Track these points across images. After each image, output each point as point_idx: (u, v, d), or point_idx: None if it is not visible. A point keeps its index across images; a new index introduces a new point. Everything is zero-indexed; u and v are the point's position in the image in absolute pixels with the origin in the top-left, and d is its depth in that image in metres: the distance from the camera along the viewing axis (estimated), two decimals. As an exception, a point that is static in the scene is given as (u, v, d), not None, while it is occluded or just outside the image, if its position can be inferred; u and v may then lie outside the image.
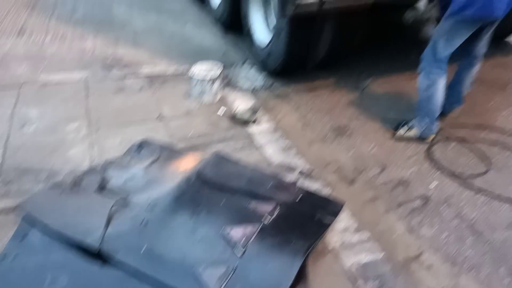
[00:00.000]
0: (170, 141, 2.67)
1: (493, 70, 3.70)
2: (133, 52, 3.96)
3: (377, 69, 3.78)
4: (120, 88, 3.29)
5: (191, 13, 5.16)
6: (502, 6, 2.41)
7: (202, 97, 3.16)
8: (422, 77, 2.73)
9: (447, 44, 2.59)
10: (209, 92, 3.16)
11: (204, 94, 3.16)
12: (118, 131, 2.75)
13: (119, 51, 3.97)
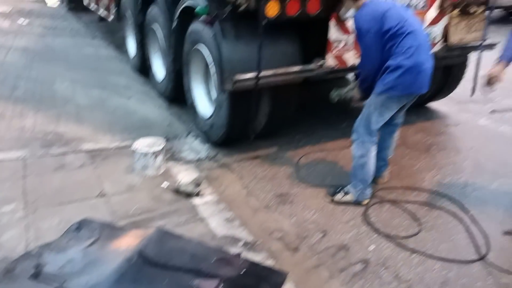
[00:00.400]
0: (111, 219, 2.64)
1: (416, 134, 4.05)
2: (75, 128, 3.96)
3: (313, 137, 4.01)
4: (60, 166, 3.25)
5: (136, 87, 5.28)
6: (426, 81, 2.72)
7: (145, 171, 3.18)
8: (356, 146, 2.92)
9: (379, 117, 2.83)
10: (152, 166, 3.19)
11: (147, 168, 3.19)
12: (57, 211, 2.68)
13: (60, 127, 3.95)
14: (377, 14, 2.64)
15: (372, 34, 2.65)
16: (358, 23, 2.72)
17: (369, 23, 2.65)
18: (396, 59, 2.63)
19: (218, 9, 3.26)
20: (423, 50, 2.67)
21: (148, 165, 3.18)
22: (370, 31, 2.65)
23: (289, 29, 3.33)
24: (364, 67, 2.85)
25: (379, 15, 2.63)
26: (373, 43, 2.68)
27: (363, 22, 2.69)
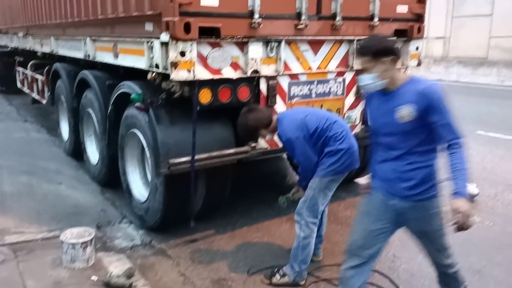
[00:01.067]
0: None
1: (346, 210, 4.26)
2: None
3: (250, 217, 4.07)
4: (-21, 262, 3.01)
5: (68, 172, 5.14)
6: (358, 158, 2.99)
7: (74, 264, 3.03)
8: (300, 228, 3.00)
9: (324, 199, 3.00)
10: (81, 258, 3.04)
11: (76, 260, 3.03)
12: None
13: (-19, 219, 3.71)
14: (298, 122, 2.91)
15: (301, 139, 2.89)
16: (286, 136, 2.94)
17: (295, 132, 2.89)
18: (334, 145, 2.90)
19: (152, 96, 3.40)
20: (349, 134, 2.99)
21: (77, 257, 3.03)
22: (299, 137, 2.89)
23: (222, 113, 3.52)
24: (305, 170, 3.02)
25: (301, 123, 2.90)
26: (306, 147, 2.91)
27: (289, 133, 2.92)
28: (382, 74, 2.09)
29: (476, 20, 16.78)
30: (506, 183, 5.07)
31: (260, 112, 3.07)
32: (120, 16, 3.70)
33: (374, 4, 3.87)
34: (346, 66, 3.88)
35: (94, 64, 4.61)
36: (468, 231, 3.74)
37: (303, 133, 2.88)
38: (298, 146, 2.90)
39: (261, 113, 3.07)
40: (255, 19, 3.24)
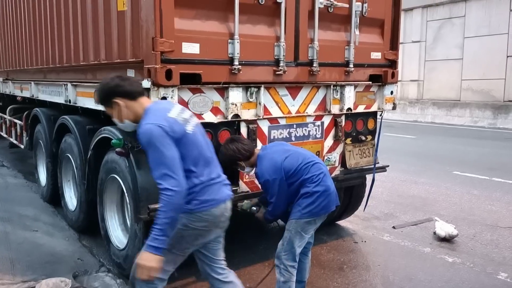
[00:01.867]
0: None
1: (328, 254, 4.23)
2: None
3: (232, 262, 3.98)
4: None
5: (45, 218, 5.01)
6: (335, 200, 3.00)
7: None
8: (280, 272, 2.98)
9: (301, 241, 2.98)
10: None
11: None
12: None
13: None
14: (277, 165, 2.94)
15: (278, 181, 2.93)
16: (263, 177, 2.99)
17: (273, 175, 2.93)
18: (309, 187, 2.92)
19: (133, 141, 3.40)
20: (327, 176, 3.01)
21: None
22: (276, 180, 2.93)
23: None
24: (276, 209, 3.06)
25: (279, 165, 2.94)
26: (281, 189, 2.95)
27: (267, 175, 2.96)
28: (121, 115, 2.25)
29: (447, 63, 17.59)
30: (484, 223, 5.16)
31: (242, 144, 3.09)
32: (102, 62, 3.77)
33: (349, 51, 4.04)
34: (324, 110, 4.00)
35: (75, 109, 4.62)
36: (450, 273, 3.79)
37: (280, 176, 2.92)
38: (274, 188, 2.94)
39: (243, 144, 3.09)
40: (235, 65, 3.34)
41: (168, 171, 2.11)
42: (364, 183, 4.71)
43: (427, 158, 9.16)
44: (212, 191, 2.34)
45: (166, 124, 2.19)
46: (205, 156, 2.37)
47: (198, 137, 2.39)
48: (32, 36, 5.72)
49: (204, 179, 2.32)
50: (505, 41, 15.75)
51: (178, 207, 2.14)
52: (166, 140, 2.16)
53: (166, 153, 2.14)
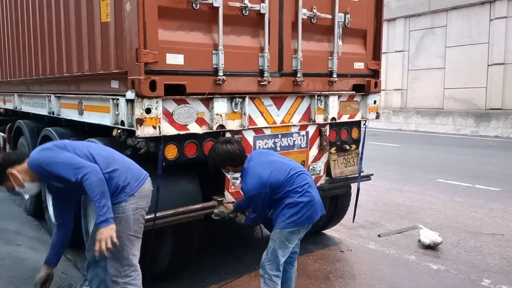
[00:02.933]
0: None
1: (315, 263, 4.24)
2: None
3: (218, 274, 3.98)
4: None
5: (28, 232, 4.92)
6: (318, 210, 2.99)
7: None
8: (264, 282, 2.98)
9: (285, 250, 2.98)
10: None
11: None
12: None
13: None
14: (263, 179, 2.92)
15: (262, 196, 2.93)
16: (250, 192, 2.99)
17: (259, 189, 2.93)
18: (294, 197, 2.92)
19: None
20: (312, 187, 3.01)
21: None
22: (260, 194, 2.93)
23: (189, 168, 3.52)
24: (257, 218, 3.11)
25: (265, 181, 2.92)
26: (263, 203, 2.97)
27: (252, 189, 2.95)
28: (19, 181, 2.58)
29: (430, 73, 17.92)
30: (468, 230, 5.23)
31: (238, 147, 3.05)
32: (86, 74, 3.75)
33: (333, 61, 4.09)
34: (309, 120, 4.03)
35: (58, 121, 4.57)
36: (435, 280, 3.83)
37: (265, 191, 2.92)
38: (258, 201, 2.96)
39: (239, 148, 3.05)
40: (220, 76, 3.36)
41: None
42: (349, 192, 4.74)
43: (411, 166, 9.27)
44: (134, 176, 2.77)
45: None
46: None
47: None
48: (15, 48, 5.66)
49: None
50: (485, 50, 16.13)
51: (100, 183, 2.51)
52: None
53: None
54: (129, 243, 2.70)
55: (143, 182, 2.76)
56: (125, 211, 2.66)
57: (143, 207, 2.77)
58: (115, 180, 2.64)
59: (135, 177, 2.73)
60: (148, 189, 2.82)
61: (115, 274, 2.71)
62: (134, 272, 2.75)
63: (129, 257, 2.71)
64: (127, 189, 2.66)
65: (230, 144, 3.04)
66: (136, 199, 2.70)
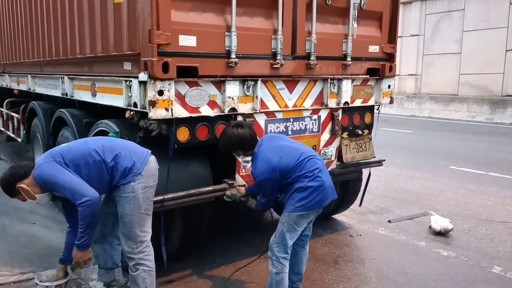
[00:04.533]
0: None
1: (324, 247, 4.26)
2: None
3: (228, 255, 4.03)
4: None
5: (42, 211, 5.01)
6: (329, 195, 2.98)
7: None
8: (272, 264, 3.00)
9: (293, 233, 2.98)
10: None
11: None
12: None
13: None
14: (273, 165, 2.91)
15: (272, 181, 2.93)
16: (259, 177, 2.98)
17: (268, 174, 2.92)
18: (304, 181, 2.91)
19: (130, 134, 3.41)
20: (323, 171, 2.99)
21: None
22: (270, 179, 2.92)
23: (200, 151, 3.54)
24: (267, 203, 3.11)
25: (275, 166, 2.90)
26: (273, 188, 2.96)
27: (262, 174, 2.95)
28: (30, 194, 2.72)
29: (445, 58, 17.58)
30: (479, 217, 5.19)
31: (249, 132, 3.05)
32: (99, 55, 3.75)
33: (347, 44, 4.03)
34: (321, 104, 4.00)
35: (72, 102, 4.61)
36: (444, 266, 3.83)
37: (275, 176, 2.91)
38: (268, 186, 2.96)
39: (250, 133, 3.06)
40: (232, 58, 3.33)
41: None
42: (360, 177, 4.73)
43: (423, 153, 9.19)
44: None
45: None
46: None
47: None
48: (28, 29, 5.68)
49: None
50: (504, 35, 15.73)
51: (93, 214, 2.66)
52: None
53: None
54: (140, 221, 2.79)
55: (148, 160, 2.84)
56: (135, 190, 2.75)
57: (151, 185, 2.85)
58: (121, 164, 2.75)
59: (138, 156, 2.83)
60: (154, 167, 2.90)
61: (129, 251, 2.80)
62: (147, 248, 2.85)
63: (141, 234, 2.81)
64: (134, 169, 2.76)
65: (241, 128, 3.03)
66: (144, 178, 2.79)
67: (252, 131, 3.12)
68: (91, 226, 2.69)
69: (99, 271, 3.15)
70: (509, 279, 3.65)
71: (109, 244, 3.05)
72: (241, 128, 3.04)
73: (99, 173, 2.74)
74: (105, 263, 3.08)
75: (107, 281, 3.11)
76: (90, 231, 2.70)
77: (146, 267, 2.83)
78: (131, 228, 2.77)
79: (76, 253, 2.77)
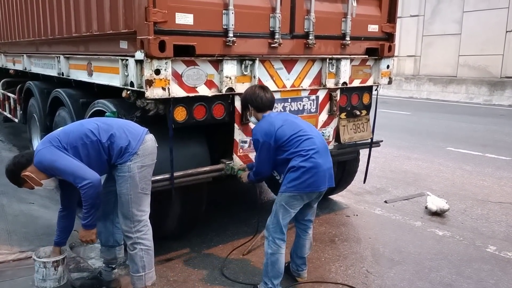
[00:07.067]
0: None
1: (321, 227, 4.30)
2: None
3: (226, 235, 4.06)
4: None
5: (40, 191, 4.99)
6: (325, 180, 2.95)
7: (45, 283, 2.99)
8: (268, 244, 3.01)
9: (286, 214, 2.98)
10: (53, 277, 3.01)
11: (47, 280, 2.99)
12: None
13: None
14: (272, 129, 2.93)
15: (266, 147, 2.93)
16: (255, 136, 3.00)
17: (264, 137, 2.93)
18: (297, 161, 2.89)
19: (127, 114, 3.39)
20: (321, 153, 2.94)
21: (48, 276, 3.00)
22: (264, 144, 2.93)
23: (197, 131, 3.54)
24: (258, 172, 3.12)
25: (273, 131, 2.92)
26: (266, 155, 2.96)
27: (259, 135, 2.96)
28: (36, 181, 2.78)
29: (445, 39, 17.45)
30: (475, 198, 5.23)
31: (265, 95, 3.09)
32: (95, 34, 3.71)
33: (346, 24, 3.99)
34: (319, 84, 3.98)
35: (68, 82, 4.57)
36: (440, 245, 3.87)
37: (269, 140, 2.92)
38: (261, 150, 2.99)
39: (265, 96, 3.09)
40: (230, 37, 3.30)
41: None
42: (357, 158, 4.74)
43: (421, 134, 9.21)
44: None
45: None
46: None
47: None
48: (23, 8, 5.60)
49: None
50: (504, 15, 15.58)
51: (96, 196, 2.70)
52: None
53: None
54: (137, 200, 2.80)
55: (144, 139, 2.83)
56: (131, 170, 2.75)
57: (148, 164, 2.84)
58: (116, 143, 2.75)
59: (133, 136, 2.81)
60: (151, 146, 2.88)
61: (127, 230, 2.83)
62: (145, 227, 2.87)
63: (138, 214, 2.82)
64: (130, 149, 2.75)
65: (263, 90, 3.12)
66: (140, 157, 2.78)
67: (270, 96, 3.13)
68: (95, 207, 2.73)
69: (101, 248, 3.18)
70: (503, 258, 3.70)
71: (111, 222, 3.08)
72: (263, 90, 3.12)
73: (97, 153, 2.74)
74: (106, 241, 3.11)
75: (108, 258, 3.15)
76: (94, 211, 2.74)
77: (143, 246, 2.85)
78: (128, 207, 2.79)
79: (81, 232, 2.83)
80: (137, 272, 2.86)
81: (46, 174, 2.78)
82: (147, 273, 2.88)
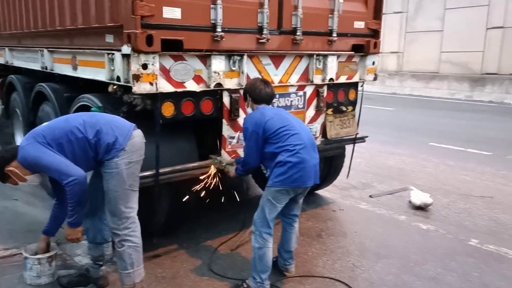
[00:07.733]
0: None
1: (307, 221, 4.33)
2: None
3: (214, 231, 4.06)
4: None
5: (24, 187, 4.89)
6: (311, 176, 2.97)
7: (40, 280, 2.99)
8: (255, 239, 3.03)
9: (272, 208, 3.00)
10: (48, 272, 3.02)
11: (42, 276, 3.00)
12: None
13: None
14: (262, 120, 2.95)
15: (254, 137, 2.95)
16: (245, 124, 3.05)
17: (253, 127, 2.95)
18: (283, 156, 2.90)
19: (113, 109, 3.35)
20: (308, 149, 2.96)
21: (43, 272, 3.00)
22: (253, 133, 2.95)
23: (185, 126, 3.52)
24: (246, 162, 3.14)
25: (262, 122, 2.94)
26: (254, 144, 2.98)
27: (249, 124, 2.99)
28: (20, 176, 2.71)
29: (427, 35, 17.67)
30: (458, 192, 5.34)
31: (264, 88, 3.11)
32: (79, 27, 3.65)
33: (333, 20, 4.01)
34: (307, 80, 3.99)
35: (52, 76, 4.49)
36: (424, 239, 3.94)
37: (258, 130, 2.95)
38: (249, 140, 3.02)
39: (265, 89, 3.11)
40: (218, 32, 3.28)
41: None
42: (343, 153, 4.78)
43: (405, 129, 9.33)
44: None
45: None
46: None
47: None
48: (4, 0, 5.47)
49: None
50: (485, 13, 15.86)
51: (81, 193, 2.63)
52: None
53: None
54: (125, 197, 2.75)
55: (131, 134, 2.77)
56: (118, 166, 2.69)
57: (136, 160, 2.79)
58: (103, 140, 2.68)
59: (121, 131, 2.74)
60: (139, 142, 2.83)
61: (115, 227, 2.79)
62: (133, 224, 2.82)
63: (126, 211, 2.78)
64: (117, 145, 2.69)
65: (264, 84, 3.15)
66: (127, 154, 2.72)
67: (269, 91, 3.15)
68: (80, 204, 2.67)
69: (88, 245, 3.14)
70: (485, 251, 3.79)
71: (99, 218, 3.03)
72: (263, 83, 3.15)
73: (83, 150, 2.69)
74: (94, 238, 3.07)
75: (95, 255, 3.11)
76: (79, 209, 2.69)
77: (131, 243, 2.82)
78: (115, 204, 2.74)
79: (67, 230, 2.78)
80: (125, 269, 2.83)
81: (31, 170, 2.73)
82: (135, 270, 2.86)
